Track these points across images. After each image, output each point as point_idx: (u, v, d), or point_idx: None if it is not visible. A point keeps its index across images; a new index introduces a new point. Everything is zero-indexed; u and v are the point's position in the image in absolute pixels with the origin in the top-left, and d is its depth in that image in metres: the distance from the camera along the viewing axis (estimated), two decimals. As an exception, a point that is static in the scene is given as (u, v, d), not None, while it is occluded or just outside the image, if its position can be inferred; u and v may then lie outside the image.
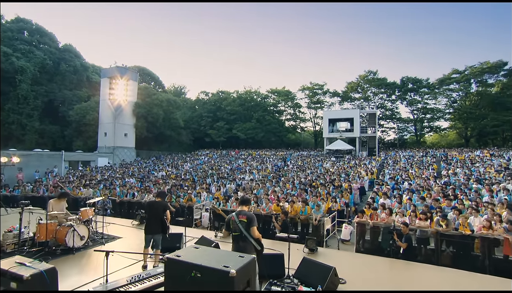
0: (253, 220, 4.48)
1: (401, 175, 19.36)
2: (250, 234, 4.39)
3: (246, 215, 4.49)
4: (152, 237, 5.99)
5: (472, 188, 14.51)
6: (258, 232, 4.48)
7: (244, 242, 4.39)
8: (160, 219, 5.99)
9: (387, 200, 11.54)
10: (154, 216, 6.04)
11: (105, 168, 29.19)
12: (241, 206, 4.76)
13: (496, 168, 20.93)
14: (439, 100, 45.62)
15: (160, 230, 6.00)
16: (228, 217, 4.67)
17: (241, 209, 4.69)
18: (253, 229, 4.41)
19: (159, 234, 6.02)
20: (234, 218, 4.51)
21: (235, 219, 4.50)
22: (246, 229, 4.39)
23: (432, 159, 28.04)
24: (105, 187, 16.51)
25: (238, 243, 4.45)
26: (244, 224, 4.41)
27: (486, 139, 43.34)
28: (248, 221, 4.43)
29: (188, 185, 17.15)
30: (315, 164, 27.02)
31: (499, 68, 39.36)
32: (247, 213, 4.58)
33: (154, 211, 6.08)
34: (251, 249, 4.37)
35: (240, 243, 4.42)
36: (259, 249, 4.47)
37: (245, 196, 5.52)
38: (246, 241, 4.39)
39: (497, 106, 39.08)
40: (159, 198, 6.47)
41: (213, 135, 48.82)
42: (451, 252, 8.36)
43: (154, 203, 6.31)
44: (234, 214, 4.60)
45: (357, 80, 48.27)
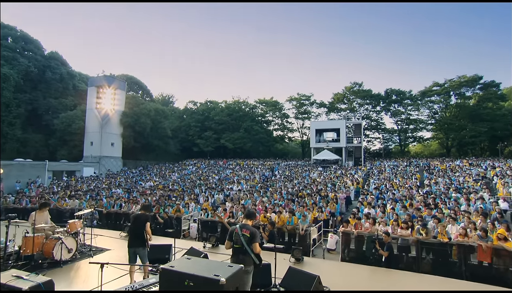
0: (256, 236, 4.54)
1: (385, 184, 19.92)
2: (251, 249, 4.45)
3: (250, 230, 4.54)
4: (134, 250, 5.90)
5: (451, 197, 15.16)
6: (259, 248, 4.54)
7: (244, 256, 4.45)
8: (142, 232, 5.91)
9: (372, 209, 11.93)
10: (136, 229, 5.98)
11: (91, 178, 28.68)
12: (246, 219, 4.80)
13: (474, 178, 21.87)
14: (422, 111, 47.47)
15: (142, 243, 5.92)
16: (231, 228, 4.72)
17: (245, 222, 4.74)
18: (255, 244, 4.47)
19: (142, 247, 5.92)
20: (237, 231, 4.56)
21: (238, 231, 4.55)
22: (248, 244, 4.45)
23: (416, 168, 28.95)
24: (92, 198, 16.29)
25: (238, 256, 4.49)
26: (247, 238, 4.47)
27: (466, 149, 45.15)
28: (251, 236, 4.49)
29: (176, 196, 17.13)
30: (303, 174, 27.41)
31: (475, 81, 41.44)
32: (251, 228, 4.62)
33: (137, 224, 6.02)
34: (250, 262, 4.44)
35: (240, 256, 4.47)
36: (258, 263, 4.53)
37: (251, 210, 5.58)
38: (246, 254, 4.44)
39: (475, 117, 40.88)
40: (143, 211, 6.34)
41: (201, 145, 48.75)
42: (430, 259, 8.73)
43: (137, 216, 6.20)
44: (238, 226, 4.65)
45: (343, 92, 49.55)
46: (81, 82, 45.42)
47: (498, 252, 7.52)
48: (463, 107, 43.15)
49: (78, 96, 42.32)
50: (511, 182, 18.97)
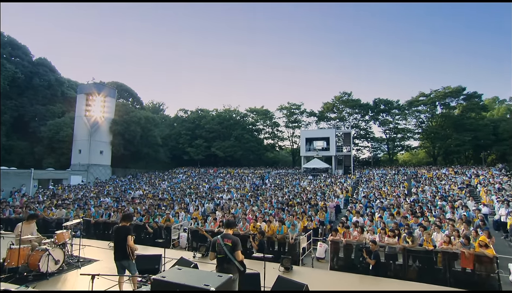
0: (237, 244, 4.70)
1: (374, 193, 20.24)
2: (234, 257, 4.61)
3: (231, 239, 4.70)
4: (120, 263, 5.75)
5: (437, 205, 15.55)
6: (242, 255, 4.71)
7: (228, 264, 4.60)
8: (124, 245, 5.68)
9: (360, 218, 12.13)
10: (118, 242, 5.80)
11: (79, 187, 28.13)
12: (226, 229, 4.95)
13: (459, 186, 22.48)
14: (409, 120, 48.62)
15: (127, 256, 5.71)
16: (213, 239, 4.84)
17: (226, 232, 4.89)
18: (237, 252, 4.63)
19: (126, 260, 5.73)
20: (219, 241, 4.70)
21: (220, 242, 4.69)
22: (230, 252, 4.60)
23: (404, 177, 29.56)
24: (79, 207, 15.99)
25: (222, 265, 4.64)
26: (229, 247, 4.62)
27: (452, 158, 46.34)
28: (233, 244, 4.64)
29: (166, 205, 17.00)
30: (293, 182, 27.59)
31: (459, 92, 42.91)
32: (232, 237, 4.79)
33: (118, 237, 5.82)
34: (235, 270, 4.58)
35: (224, 265, 4.61)
36: (242, 270, 4.70)
37: (230, 219, 5.73)
38: (230, 263, 4.60)
39: (459, 127, 42.13)
40: (124, 222, 5.98)
41: (192, 153, 48.55)
42: (417, 266, 8.93)
43: (118, 229, 5.92)
44: (220, 237, 4.78)
45: (333, 101, 50.40)
46: (70, 89, 44.88)
47: (480, 259, 7.77)
48: (448, 117, 44.44)
49: (66, 103, 41.78)
50: (494, 190, 19.62)
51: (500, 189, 19.46)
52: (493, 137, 40.43)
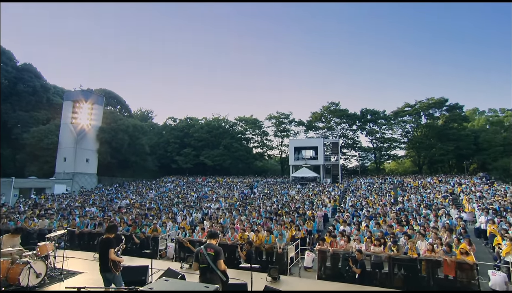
0: (220, 253, 4.81)
1: (361, 202, 20.53)
2: (217, 267, 4.69)
3: (214, 249, 4.81)
4: (104, 274, 5.66)
5: (422, 213, 15.91)
6: (224, 265, 4.80)
7: (211, 274, 4.68)
8: (106, 258, 5.57)
9: (347, 227, 12.29)
10: (101, 254, 5.71)
11: (63, 196, 27.34)
12: (209, 239, 5.05)
13: (443, 194, 23.08)
14: (395, 130, 49.83)
15: (109, 268, 5.58)
16: (196, 250, 4.94)
17: (209, 242, 4.99)
18: (219, 262, 4.73)
19: (109, 273, 5.62)
20: (202, 251, 4.80)
21: (203, 252, 4.78)
22: (213, 262, 4.69)
23: (390, 185, 30.13)
24: (63, 217, 15.56)
25: (205, 274, 4.71)
26: (212, 257, 4.72)
27: (436, 166, 47.64)
28: (215, 254, 4.75)
29: (154, 215, 16.75)
30: (281, 191, 27.68)
31: (442, 103, 44.40)
32: (215, 246, 4.90)
33: (101, 249, 5.73)
34: (218, 280, 4.66)
35: (207, 274, 4.69)
36: (225, 280, 4.80)
37: (213, 230, 5.81)
38: (213, 272, 4.68)
39: (442, 137, 43.46)
40: (108, 234, 5.84)
41: (180, 162, 48.13)
42: (402, 274, 9.09)
43: (101, 241, 5.81)
44: (203, 247, 4.88)
45: (321, 111, 51.19)
46: (56, 95, 44.03)
47: (461, 266, 8.02)
48: (432, 127, 45.80)
49: (52, 110, 40.91)
50: (475, 198, 20.24)
51: (481, 197, 20.09)
52: (474, 147, 41.91)
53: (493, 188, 24.41)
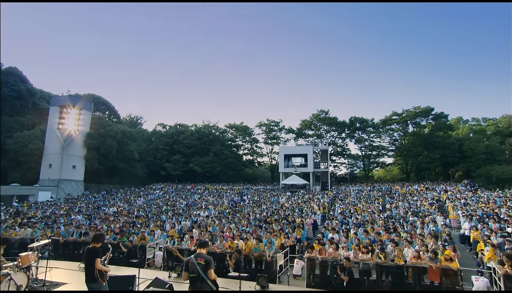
0: (210, 263, 4.76)
1: (349, 209, 20.72)
2: (207, 276, 4.65)
3: (204, 258, 4.76)
4: (90, 286, 5.51)
5: (409, 220, 16.17)
6: (215, 274, 4.77)
7: (202, 283, 4.64)
8: (92, 268, 5.43)
9: (336, 234, 12.37)
10: (87, 264, 5.56)
11: (47, 203, 26.56)
12: (200, 248, 4.99)
13: (429, 201, 23.54)
14: (383, 138, 50.83)
15: (95, 279, 5.44)
16: (186, 259, 4.88)
17: (199, 251, 4.93)
18: (210, 271, 4.68)
19: (94, 283, 5.47)
20: (192, 260, 4.73)
21: (193, 261, 4.72)
22: (203, 271, 4.64)
23: (378, 193, 30.55)
24: (47, 226, 15.09)
25: (195, 284, 4.67)
26: (202, 266, 4.66)
27: (423, 174, 48.65)
28: (206, 263, 4.69)
29: (142, 223, 16.47)
30: (271, 199, 27.69)
31: (428, 112, 45.59)
32: (205, 256, 4.85)
33: (87, 259, 5.58)
34: (208, 289, 4.63)
35: (197, 284, 4.65)
36: (215, 289, 4.75)
37: (202, 239, 5.75)
38: (203, 282, 4.63)
39: (429, 145, 44.52)
40: (94, 243, 5.71)
41: (169, 169, 47.66)
42: (389, 281, 9.19)
43: (87, 250, 5.66)
44: (193, 256, 4.82)
45: (311, 119, 51.75)
46: (43, 100, 43.16)
47: (446, 272, 8.19)
48: (419, 135, 46.88)
49: (38, 115, 40.02)
50: (460, 205, 20.74)
51: (465, 204, 20.60)
52: (459, 155, 43.06)
53: (476, 195, 25.08)
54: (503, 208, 18.50)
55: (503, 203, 20.16)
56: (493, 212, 16.70)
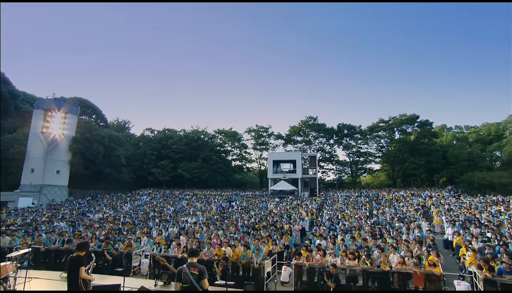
0: (204, 273, 4.63)
1: (337, 215, 20.90)
2: (201, 286, 4.52)
3: (198, 268, 4.62)
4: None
5: (395, 226, 16.45)
6: (208, 284, 4.64)
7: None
8: (76, 278, 5.23)
9: (323, 241, 12.45)
10: (70, 274, 5.36)
11: (28, 210, 25.67)
12: (191, 258, 4.84)
13: (415, 207, 24.02)
14: (370, 145, 51.71)
15: (78, 288, 5.23)
16: (179, 269, 4.73)
17: (191, 260, 4.78)
18: (204, 281, 4.55)
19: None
20: (185, 270, 4.60)
21: (186, 271, 4.59)
22: (197, 281, 4.51)
23: (366, 199, 30.97)
24: (27, 234, 14.57)
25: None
26: (196, 276, 4.52)
27: (409, 180, 49.64)
28: (200, 273, 4.56)
29: (128, 229, 16.15)
30: (260, 205, 27.66)
31: (414, 120, 46.76)
32: (199, 265, 4.70)
33: (70, 268, 5.38)
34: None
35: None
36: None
37: (193, 247, 5.62)
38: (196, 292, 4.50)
39: (414, 152, 45.57)
40: (78, 251, 5.50)
41: (157, 174, 47.02)
42: (375, 287, 9.31)
43: (71, 259, 5.43)
44: (185, 266, 4.67)
45: (299, 125, 52.23)
46: (26, 103, 41.97)
47: (430, 277, 8.38)
48: (405, 142, 47.95)
49: (20, 118, 38.85)
50: (444, 210, 21.25)
51: (449, 210, 21.13)
52: (443, 161, 44.25)
53: (459, 200, 25.77)
54: (484, 213, 19.10)
55: (484, 209, 20.80)
56: (475, 218, 17.20)
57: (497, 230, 13.09)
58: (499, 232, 12.92)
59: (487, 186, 37.05)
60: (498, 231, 13.02)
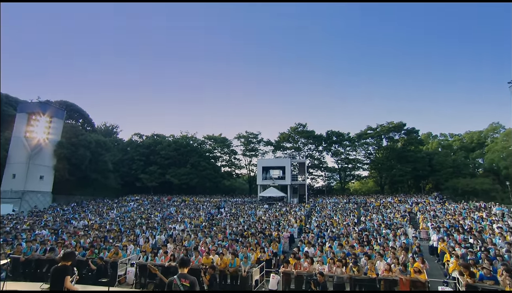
0: (196, 284, 4.53)
1: (325, 222, 21.01)
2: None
3: (189, 279, 4.51)
4: None
5: (382, 233, 16.65)
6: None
7: None
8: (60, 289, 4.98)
9: (311, 248, 12.47)
10: (55, 285, 5.08)
11: (8, 217, 24.66)
12: (181, 268, 4.71)
13: (402, 214, 24.41)
14: (359, 152, 52.56)
15: None
16: (169, 280, 4.61)
17: (181, 271, 4.66)
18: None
19: None
20: (176, 282, 4.48)
21: (177, 282, 4.47)
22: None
23: (354, 205, 31.29)
24: (6, 243, 13.99)
25: None
26: (187, 288, 4.41)
27: (397, 186, 50.53)
28: (191, 285, 4.45)
29: (114, 237, 15.78)
30: (248, 211, 27.55)
31: (401, 128, 47.83)
32: (190, 276, 4.59)
33: (54, 279, 5.10)
34: None
35: None
36: None
37: (185, 257, 5.48)
38: None
39: (401, 159, 46.53)
40: (64, 261, 5.26)
41: (145, 180, 46.32)
42: (363, 295, 9.37)
43: (55, 270, 5.14)
44: (176, 277, 4.55)
45: (289, 131, 52.66)
46: (8, 106, 40.70)
47: (415, 284, 8.53)
48: (392, 149, 48.93)
49: (2, 121, 37.62)
50: (429, 217, 21.68)
51: (434, 216, 21.57)
52: (429, 168, 45.32)
53: (444, 207, 26.35)
54: (467, 219, 19.58)
55: (467, 215, 21.32)
56: (458, 224, 17.60)
57: (479, 236, 13.43)
58: (481, 238, 13.25)
59: (471, 192, 38.10)
60: (480, 237, 13.36)
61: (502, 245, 12.00)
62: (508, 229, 14.74)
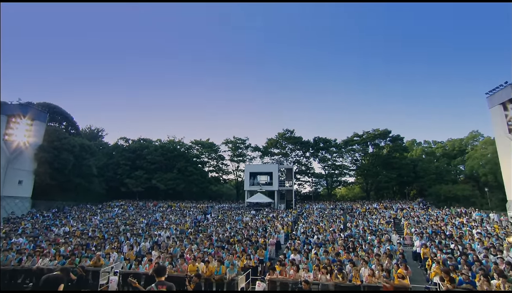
0: (173, 289, 4.45)
1: (312, 228, 21.11)
2: None
3: (166, 285, 4.44)
4: None
5: (367, 239, 16.86)
6: None
7: None
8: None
9: (297, 255, 12.50)
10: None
11: (-18, 225, 23.63)
12: (158, 277, 4.59)
13: (387, 220, 24.81)
14: (345, 158, 53.25)
15: None
16: (148, 289, 4.51)
17: (159, 279, 4.55)
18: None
19: None
20: (153, 289, 4.39)
21: (154, 289, 4.38)
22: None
23: (340, 211, 31.62)
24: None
25: None
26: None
27: (382, 192, 51.41)
28: (168, 291, 4.37)
29: (96, 244, 15.36)
30: (235, 217, 27.39)
31: (386, 135, 48.88)
32: (167, 283, 4.51)
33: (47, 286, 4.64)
34: None
35: None
36: None
37: (161, 265, 5.39)
38: None
39: (387, 165, 47.48)
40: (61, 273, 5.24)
41: (130, 185, 45.39)
42: (347, 302, 9.43)
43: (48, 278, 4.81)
44: (154, 285, 4.46)
45: (277, 137, 52.95)
46: (-13, 108, 39.34)
47: (398, 289, 8.62)
48: (377, 156, 49.87)
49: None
50: (413, 222, 22.13)
51: (418, 222, 22.03)
52: (413, 175, 46.42)
53: (428, 213, 26.97)
54: (449, 225, 20.11)
55: (449, 221, 21.90)
56: (440, 229, 18.03)
57: (459, 242, 13.81)
58: (461, 243, 13.63)
59: (452, 198, 39.23)
60: (461, 243, 13.74)
61: (480, 250, 12.39)
62: (487, 234, 15.23)
